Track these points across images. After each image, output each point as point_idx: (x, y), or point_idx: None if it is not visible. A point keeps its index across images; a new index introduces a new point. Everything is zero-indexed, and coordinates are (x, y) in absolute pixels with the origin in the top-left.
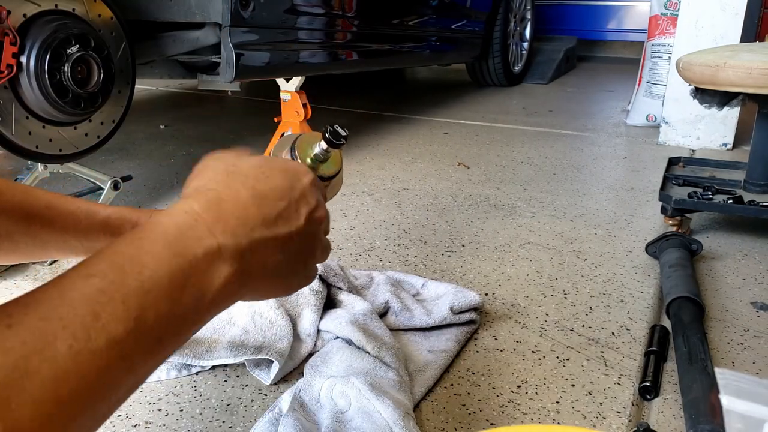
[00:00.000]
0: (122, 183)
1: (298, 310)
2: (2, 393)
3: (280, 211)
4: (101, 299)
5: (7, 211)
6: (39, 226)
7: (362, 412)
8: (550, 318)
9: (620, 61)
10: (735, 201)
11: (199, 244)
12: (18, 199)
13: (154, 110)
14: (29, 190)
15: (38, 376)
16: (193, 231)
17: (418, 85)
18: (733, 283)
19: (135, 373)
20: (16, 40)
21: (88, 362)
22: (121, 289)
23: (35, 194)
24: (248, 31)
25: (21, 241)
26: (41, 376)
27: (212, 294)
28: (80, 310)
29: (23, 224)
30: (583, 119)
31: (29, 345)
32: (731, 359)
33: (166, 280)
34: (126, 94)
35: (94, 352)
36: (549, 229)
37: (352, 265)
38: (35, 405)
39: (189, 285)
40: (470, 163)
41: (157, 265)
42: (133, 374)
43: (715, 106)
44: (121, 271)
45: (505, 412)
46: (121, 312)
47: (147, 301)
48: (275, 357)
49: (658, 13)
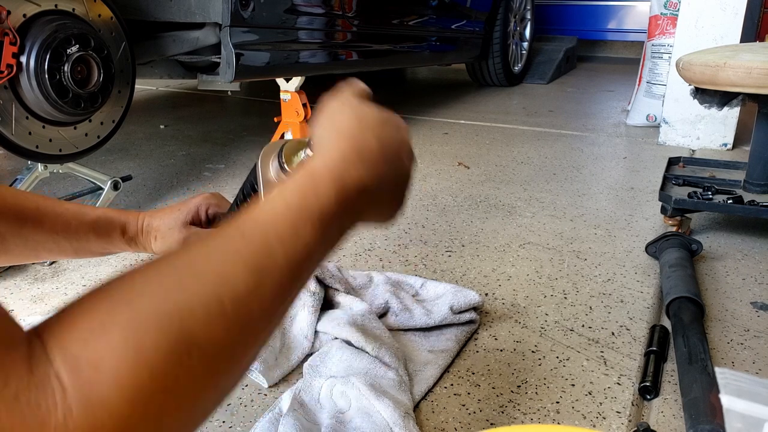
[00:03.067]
0: (122, 183)
1: (294, 311)
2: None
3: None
4: (297, 218)
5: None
6: (30, 228)
7: (362, 412)
8: (550, 318)
9: (620, 61)
10: (735, 201)
11: (351, 179)
12: (9, 202)
13: (154, 110)
14: (19, 194)
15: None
16: (345, 169)
17: (418, 85)
18: (733, 283)
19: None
20: (16, 40)
21: (295, 264)
22: (307, 211)
23: (25, 197)
24: (248, 31)
25: (13, 243)
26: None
27: (358, 214)
28: (284, 227)
29: (15, 226)
30: (583, 119)
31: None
32: (731, 359)
33: (335, 206)
34: (126, 94)
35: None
36: (549, 229)
37: (352, 266)
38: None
39: (348, 208)
40: (470, 163)
41: (329, 195)
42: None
43: (715, 106)
44: (304, 197)
45: (505, 412)
46: (310, 228)
47: (325, 219)
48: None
49: (658, 13)
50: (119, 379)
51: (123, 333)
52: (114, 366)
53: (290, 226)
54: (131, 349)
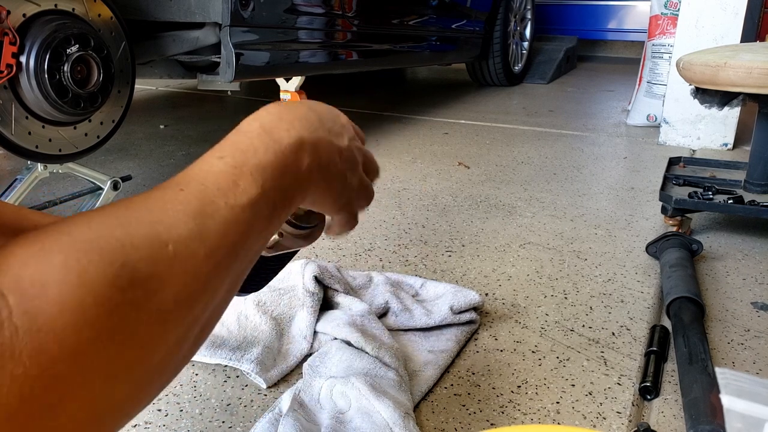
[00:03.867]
0: (122, 183)
1: (292, 312)
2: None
3: (331, 126)
4: (236, 172)
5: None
6: None
7: (362, 413)
8: (551, 318)
9: (621, 61)
10: (735, 201)
11: (287, 135)
12: (8, 218)
13: (154, 110)
14: (18, 210)
15: (212, 220)
16: (279, 125)
17: (418, 85)
18: (734, 283)
19: (263, 233)
20: (15, 40)
21: (239, 216)
22: (247, 164)
23: (24, 214)
24: (248, 31)
25: None
26: (214, 220)
27: (302, 175)
28: (224, 179)
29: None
30: (583, 119)
31: (201, 201)
32: (731, 359)
33: (273, 160)
34: (126, 94)
35: (242, 207)
36: (549, 229)
37: (352, 266)
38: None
39: (288, 164)
40: (470, 163)
41: (265, 149)
42: (263, 234)
43: (716, 106)
44: (243, 153)
45: (505, 413)
46: (251, 181)
47: (266, 173)
48: (247, 366)
49: (658, 12)
50: (63, 301)
51: (64, 256)
52: (57, 287)
53: (228, 177)
54: (74, 271)
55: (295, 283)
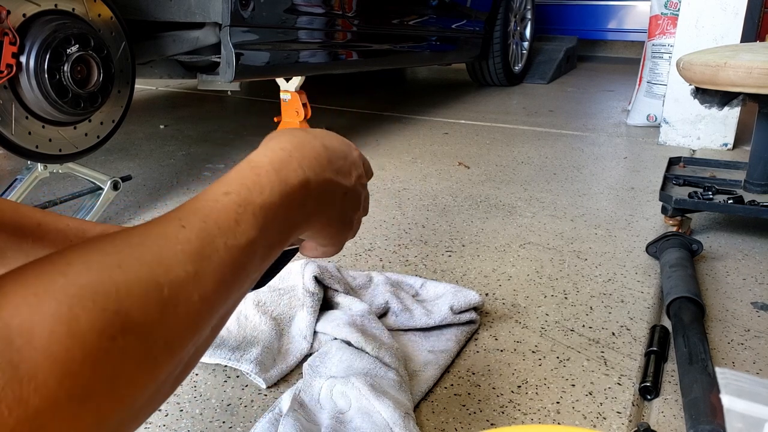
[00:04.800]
0: (122, 183)
1: (292, 312)
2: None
3: (341, 165)
4: (239, 210)
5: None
6: (30, 243)
7: (362, 413)
8: (551, 318)
9: (621, 61)
10: (735, 201)
11: (295, 176)
12: (8, 216)
13: (154, 110)
14: (18, 208)
15: (210, 261)
16: (289, 164)
17: (418, 85)
18: (734, 283)
19: (255, 272)
20: (15, 40)
21: (237, 256)
22: (251, 203)
23: (24, 212)
24: (248, 31)
25: (13, 258)
26: (212, 263)
27: (302, 217)
28: (225, 217)
29: (15, 241)
30: (583, 119)
31: (201, 240)
32: (732, 359)
33: (277, 201)
34: (126, 94)
35: (240, 248)
36: (549, 229)
37: (352, 266)
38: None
39: (292, 206)
40: (470, 163)
41: (271, 189)
42: (255, 273)
43: (716, 106)
44: (249, 190)
45: (506, 413)
46: (252, 222)
47: (268, 215)
48: (246, 366)
49: (658, 12)
50: (49, 351)
51: (56, 304)
52: (45, 337)
53: (230, 215)
54: (64, 321)
55: (295, 283)
